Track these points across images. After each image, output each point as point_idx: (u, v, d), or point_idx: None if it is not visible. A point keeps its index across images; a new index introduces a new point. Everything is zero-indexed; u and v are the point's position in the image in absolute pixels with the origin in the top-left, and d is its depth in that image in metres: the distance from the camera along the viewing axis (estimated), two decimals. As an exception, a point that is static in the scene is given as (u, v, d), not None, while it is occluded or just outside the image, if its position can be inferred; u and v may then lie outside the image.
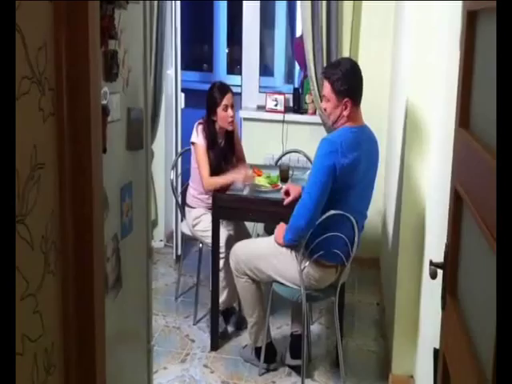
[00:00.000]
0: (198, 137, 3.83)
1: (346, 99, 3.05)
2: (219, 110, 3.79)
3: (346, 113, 3.08)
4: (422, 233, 3.04)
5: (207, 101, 3.84)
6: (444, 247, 1.91)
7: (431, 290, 2.61)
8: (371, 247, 4.63)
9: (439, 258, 1.91)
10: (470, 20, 1.67)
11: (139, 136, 1.94)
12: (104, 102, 1.69)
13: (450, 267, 1.87)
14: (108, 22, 1.65)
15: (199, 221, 3.94)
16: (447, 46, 2.56)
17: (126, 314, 1.95)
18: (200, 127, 3.86)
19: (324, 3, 4.28)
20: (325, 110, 3.17)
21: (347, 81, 3.06)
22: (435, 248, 2.57)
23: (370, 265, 4.62)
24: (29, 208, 1.16)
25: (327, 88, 3.09)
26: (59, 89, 1.19)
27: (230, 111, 3.80)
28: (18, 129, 1.09)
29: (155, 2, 4.52)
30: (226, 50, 6.59)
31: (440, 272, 1.90)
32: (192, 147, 3.89)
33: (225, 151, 3.95)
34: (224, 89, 3.83)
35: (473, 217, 1.48)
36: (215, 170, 3.82)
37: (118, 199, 1.84)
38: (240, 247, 3.50)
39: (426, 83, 2.97)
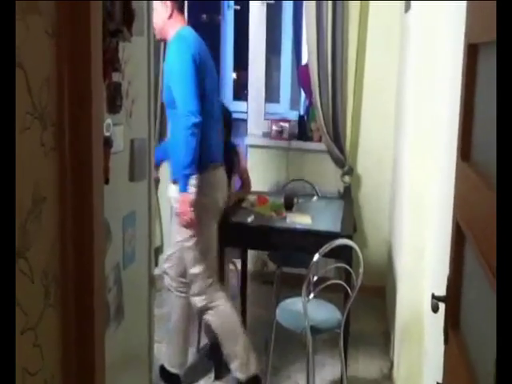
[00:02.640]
0: None
1: None
2: None
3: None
4: (423, 265, 3.03)
5: None
6: (446, 280, 1.90)
7: (435, 323, 2.59)
8: (377, 276, 4.60)
9: (441, 290, 1.90)
10: (472, 53, 1.68)
11: (142, 166, 1.95)
12: (107, 133, 1.70)
13: (452, 301, 1.85)
14: (112, 54, 1.67)
15: None
16: (450, 78, 2.58)
17: (127, 344, 1.94)
18: None
19: (329, 31, 4.31)
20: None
21: None
22: (437, 280, 2.56)
23: (376, 293, 4.59)
24: (30, 242, 1.16)
25: None
26: (61, 124, 1.20)
27: None
28: (19, 164, 1.10)
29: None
30: (234, 76, 6.63)
31: (442, 305, 1.89)
32: None
33: None
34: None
35: (474, 251, 1.47)
36: None
37: (120, 229, 1.84)
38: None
39: (428, 115, 2.98)
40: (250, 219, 3.65)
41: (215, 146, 3.40)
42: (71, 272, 1.25)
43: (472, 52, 1.67)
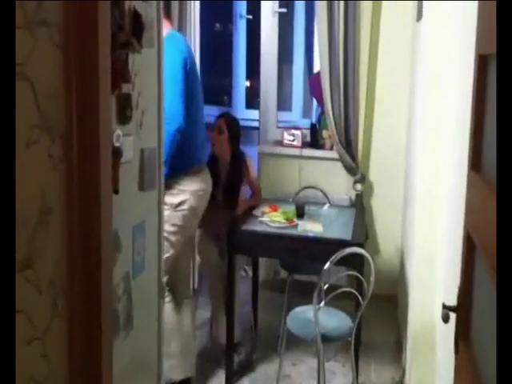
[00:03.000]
0: None
1: None
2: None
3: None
4: (435, 274, 3.01)
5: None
6: (457, 290, 1.88)
7: (447, 333, 2.57)
8: (389, 284, 4.59)
9: (453, 299, 1.89)
10: (482, 63, 1.67)
11: (152, 176, 1.96)
12: (117, 144, 1.71)
13: (463, 311, 1.84)
14: (121, 66, 1.68)
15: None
16: (461, 86, 2.57)
17: (136, 353, 1.95)
18: None
19: (341, 39, 4.32)
20: None
21: None
22: (449, 289, 2.54)
23: (388, 301, 4.57)
24: (37, 253, 1.17)
25: None
26: (69, 136, 1.21)
27: (214, 134, 3.99)
28: (26, 176, 1.11)
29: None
30: (247, 83, 6.64)
31: (453, 315, 1.88)
32: None
33: (227, 185, 4.04)
34: (219, 115, 4.09)
35: (484, 262, 1.47)
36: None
37: (130, 239, 1.85)
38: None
39: (439, 123, 2.97)
40: (260, 227, 3.65)
41: (199, 148, 3.45)
42: (78, 282, 1.26)
43: (482, 63, 1.66)
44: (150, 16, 1.86)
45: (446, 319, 1.88)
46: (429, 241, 3.07)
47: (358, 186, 4.57)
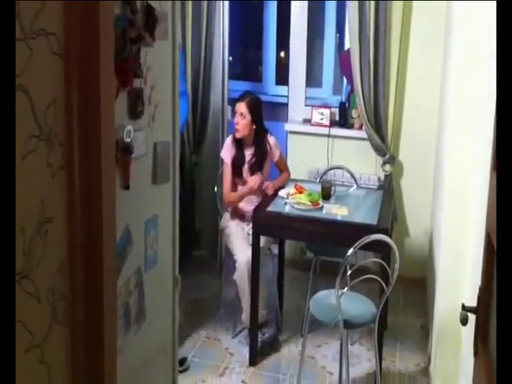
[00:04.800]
0: (225, 153, 4.02)
1: None
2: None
3: None
4: (463, 264, 2.94)
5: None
6: (478, 290, 1.83)
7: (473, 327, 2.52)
8: (417, 267, 4.53)
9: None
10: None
11: (166, 169, 1.94)
12: (128, 139, 1.69)
13: (483, 313, 1.79)
14: (133, 61, 1.65)
15: (226, 226, 4.08)
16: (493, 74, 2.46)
17: (149, 345, 1.96)
18: (229, 141, 4.02)
19: (372, 16, 4.20)
20: None
21: None
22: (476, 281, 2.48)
23: (416, 285, 4.51)
24: (34, 263, 1.16)
25: None
26: (70, 143, 1.18)
27: (236, 119, 3.95)
28: (23, 186, 1.10)
29: (204, 12, 4.56)
30: (282, 54, 6.53)
31: (472, 317, 1.83)
32: None
33: (252, 162, 4.03)
34: (239, 98, 4.01)
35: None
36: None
37: (142, 233, 1.84)
38: None
39: (470, 108, 2.87)
40: (285, 209, 3.62)
41: None
42: (80, 288, 1.25)
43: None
44: (164, 8, 1.82)
45: (464, 322, 1.83)
46: (457, 231, 3.00)
47: (387, 167, 4.48)
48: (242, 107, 3.92)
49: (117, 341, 1.67)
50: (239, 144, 4.01)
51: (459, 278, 2.95)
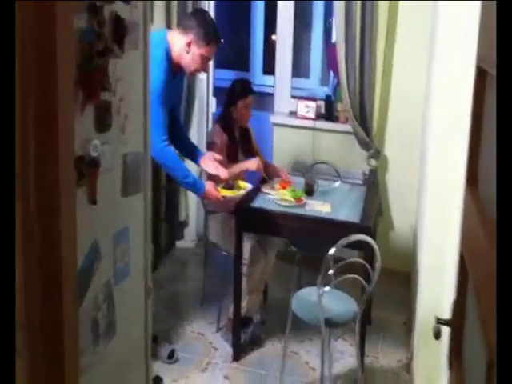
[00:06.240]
0: (219, 137, 3.93)
1: None
2: (242, 108, 3.92)
3: None
4: (444, 264, 2.92)
5: (230, 96, 3.96)
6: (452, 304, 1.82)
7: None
8: (402, 260, 4.52)
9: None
10: (480, 75, 1.57)
11: (136, 181, 1.91)
12: (95, 154, 1.66)
13: (457, 326, 1.78)
14: (100, 74, 1.60)
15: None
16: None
17: (121, 358, 1.93)
18: (218, 127, 3.95)
19: (358, 13, 4.15)
20: None
21: None
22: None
23: (401, 279, 4.50)
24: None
25: None
26: (24, 174, 1.13)
27: (249, 111, 3.98)
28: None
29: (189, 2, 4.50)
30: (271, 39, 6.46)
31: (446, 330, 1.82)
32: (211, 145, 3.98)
33: (242, 146, 4.04)
34: (250, 89, 4.00)
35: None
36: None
37: (111, 246, 1.81)
38: None
39: (454, 102, 2.83)
40: (268, 205, 3.60)
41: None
42: (39, 320, 1.22)
43: (481, 75, 1.56)
44: (135, 18, 1.77)
45: (437, 336, 1.82)
46: (440, 227, 2.98)
47: (372, 161, 4.46)
48: (252, 100, 3.99)
49: (85, 357, 1.66)
50: (232, 128, 4.00)
51: (441, 275, 2.94)
